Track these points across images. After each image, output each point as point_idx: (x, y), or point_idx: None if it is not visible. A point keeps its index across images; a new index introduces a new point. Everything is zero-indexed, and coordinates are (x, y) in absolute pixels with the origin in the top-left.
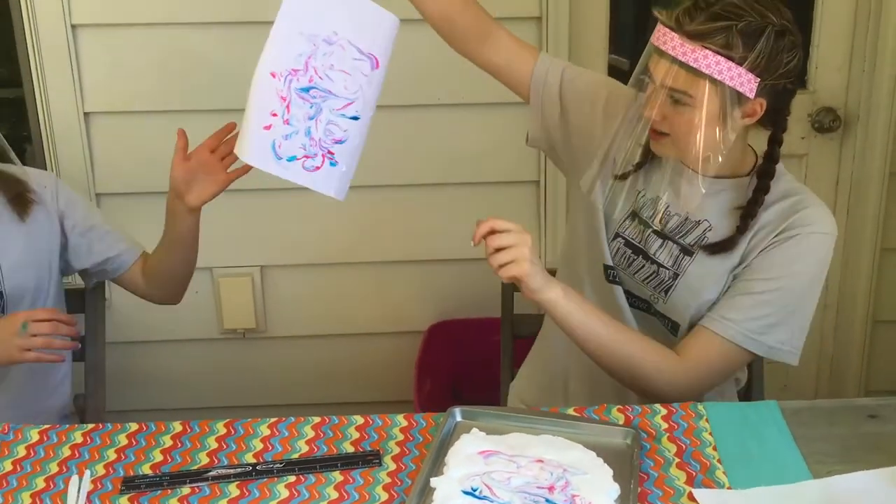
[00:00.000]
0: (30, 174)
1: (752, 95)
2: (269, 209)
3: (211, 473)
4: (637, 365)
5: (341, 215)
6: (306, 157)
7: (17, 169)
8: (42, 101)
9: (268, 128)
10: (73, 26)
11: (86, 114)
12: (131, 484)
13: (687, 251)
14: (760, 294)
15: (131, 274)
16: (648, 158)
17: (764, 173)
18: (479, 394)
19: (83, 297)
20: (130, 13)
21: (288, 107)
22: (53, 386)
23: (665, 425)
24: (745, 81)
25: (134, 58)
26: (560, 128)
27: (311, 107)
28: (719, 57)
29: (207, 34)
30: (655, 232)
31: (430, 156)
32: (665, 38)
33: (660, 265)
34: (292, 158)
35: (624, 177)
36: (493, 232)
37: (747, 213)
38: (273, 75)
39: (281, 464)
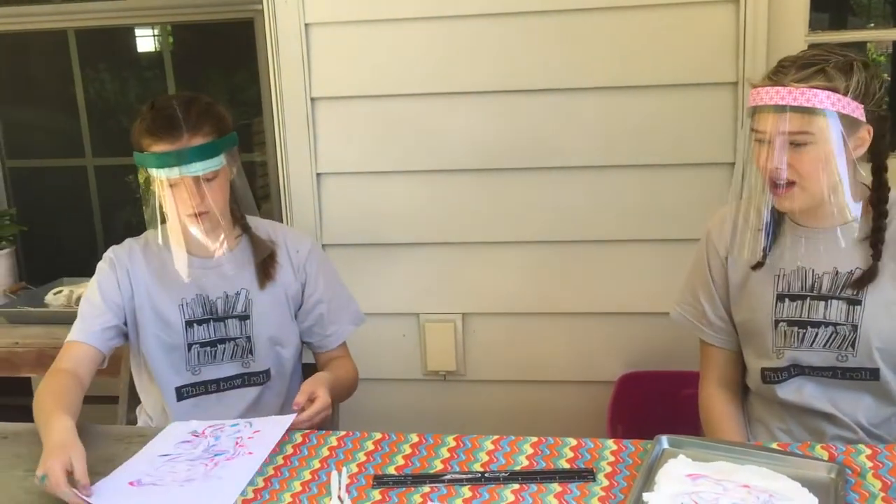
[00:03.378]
0: (289, 237)
1: (862, 118)
2: (472, 261)
3: (446, 477)
4: None
5: (537, 268)
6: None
7: (276, 232)
8: (283, 163)
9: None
10: (313, 99)
11: (318, 174)
12: (381, 480)
13: (854, 301)
14: None
15: (323, 359)
16: (771, 239)
17: (878, 201)
18: None
19: None
20: (360, 87)
21: None
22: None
23: (870, 464)
24: (854, 108)
25: (361, 125)
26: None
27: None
28: (827, 91)
29: (427, 104)
30: (815, 298)
31: (623, 213)
32: (767, 94)
33: (836, 324)
34: None
35: (759, 265)
36: None
37: (875, 241)
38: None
39: (506, 473)
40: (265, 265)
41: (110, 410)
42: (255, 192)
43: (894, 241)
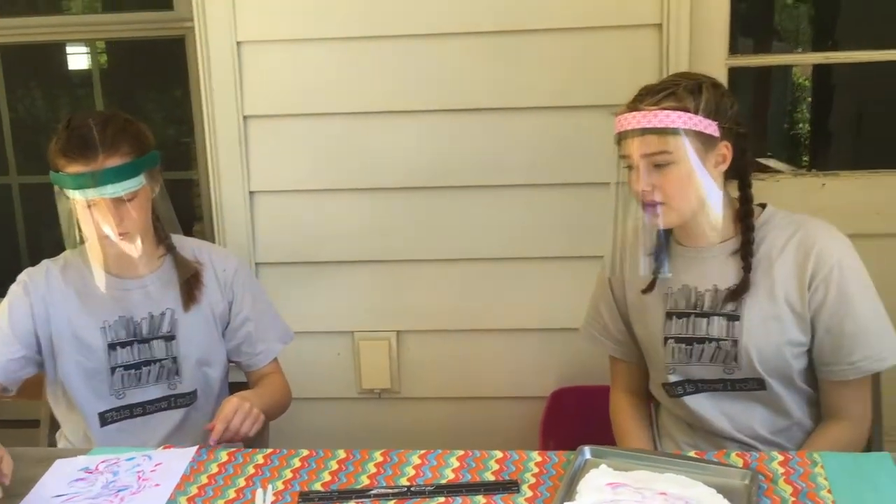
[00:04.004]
0: (214, 255)
1: (717, 134)
2: (406, 279)
3: (373, 492)
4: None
5: (471, 286)
6: None
7: (201, 251)
8: (215, 181)
9: None
10: (245, 117)
11: (251, 192)
12: (307, 497)
13: (732, 317)
14: (853, 328)
15: (253, 377)
16: (660, 260)
17: (745, 214)
18: None
19: None
20: (293, 105)
21: None
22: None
23: (782, 470)
24: (707, 125)
25: (294, 144)
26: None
27: None
28: (678, 111)
29: (355, 122)
30: (698, 315)
31: (554, 230)
32: (626, 120)
33: (718, 339)
34: None
35: (649, 288)
36: None
37: (744, 254)
38: None
39: (432, 487)
40: (189, 286)
41: (31, 434)
42: (192, 211)
43: (767, 256)
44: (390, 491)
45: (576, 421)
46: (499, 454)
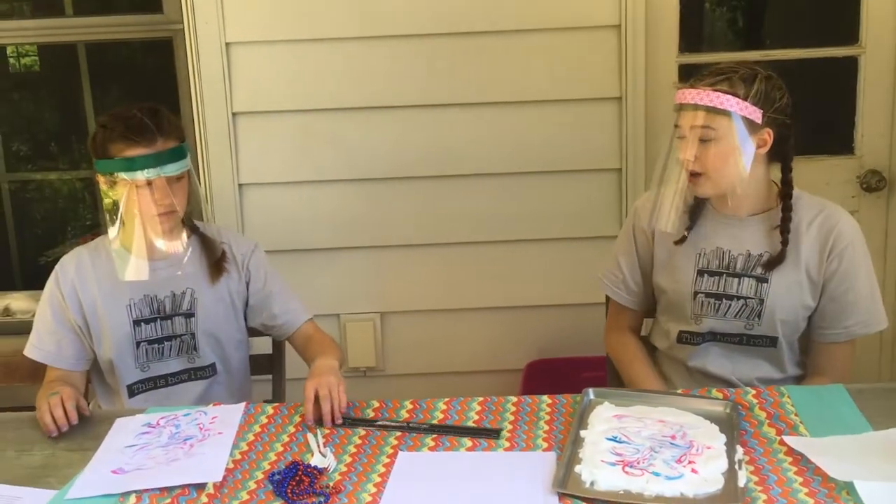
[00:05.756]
0: (232, 239)
1: (759, 121)
2: (389, 263)
3: (379, 423)
4: None
5: (450, 268)
6: None
7: (222, 235)
8: (206, 174)
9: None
10: (234, 114)
11: (240, 185)
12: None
13: (762, 279)
14: (854, 298)
15: (298, 341)
16: (695, 221)
17: (785, 195)
18: None
19: None
20: (279, 102)
21: None
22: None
23: (756, 401)
24: (752, 111)
25: (280, 138)
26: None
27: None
28: (728, 95)
29: (343, 117)
30: (730, 275)
31: (527, 215)
32: (685, 95)
33: (746, 298)
34: None
35: (681, 241)
36: None
37: (783, 229)
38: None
39: (426, 425)
40: (218, 263)
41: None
42: None
43: (796, 230)
44: (392, 423)
45: (550, 390)
46: (513, 399)
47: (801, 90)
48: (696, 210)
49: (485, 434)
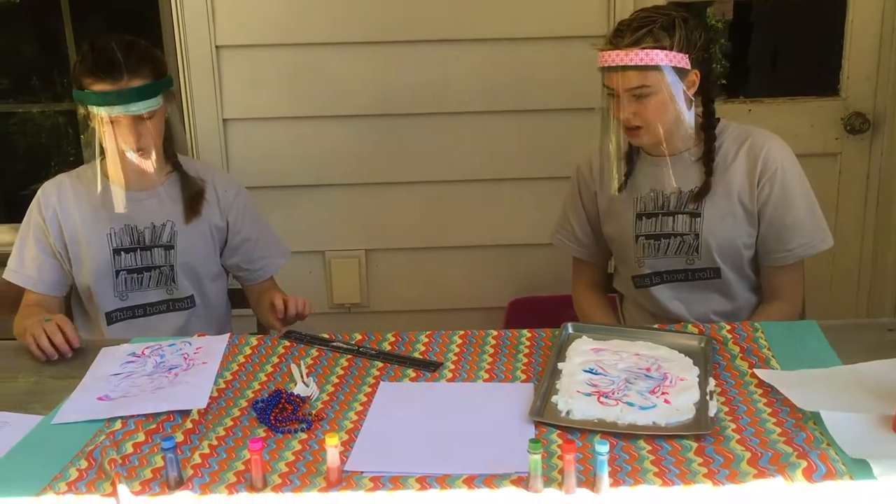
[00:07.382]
0: (217, 178)
1: (688, 66)
2: (373, 200)
3: (333, 344)
4: None
5: (432, 206)
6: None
7: (206, 172)
8: (189, 109)
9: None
10: (217, 47)
11: (224, 120)
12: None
13: (695, 214)
14: (793, 220)
15: (255, 291)
16: (631, 167)
17: (708, 127)
18: None
19: None
20: (264, 36)
21: None
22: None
23: (730, 336)
24: (679, 59)
25: (265, 73)
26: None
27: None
28: (656, 50)
29: (330, 52)
30: (665, 214)
31: (506, 154)
32: (609, 57)
33: (682, 234)
34: None
35: (621, 189)
36: None
37: (707, 161)
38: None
39: (375, 351)
40: (193, 201)
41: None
42: None
43: (723, 161)
44: (345, 346)
45: (532, 327)
46: (461, 332)
47: (789, 30)
48: (629, 156)
49: (429, 366)
